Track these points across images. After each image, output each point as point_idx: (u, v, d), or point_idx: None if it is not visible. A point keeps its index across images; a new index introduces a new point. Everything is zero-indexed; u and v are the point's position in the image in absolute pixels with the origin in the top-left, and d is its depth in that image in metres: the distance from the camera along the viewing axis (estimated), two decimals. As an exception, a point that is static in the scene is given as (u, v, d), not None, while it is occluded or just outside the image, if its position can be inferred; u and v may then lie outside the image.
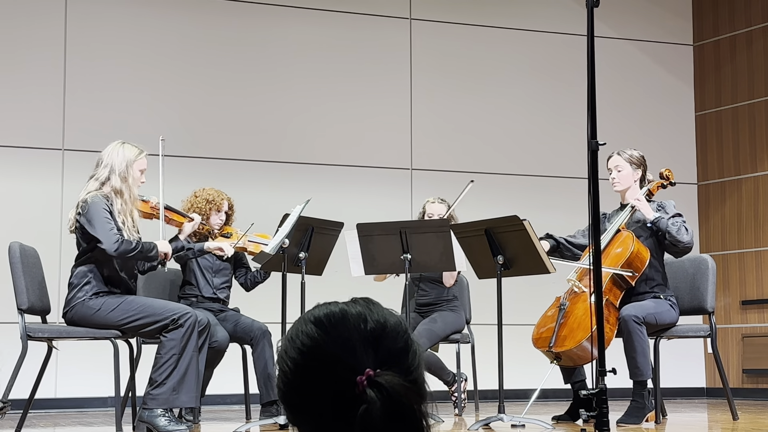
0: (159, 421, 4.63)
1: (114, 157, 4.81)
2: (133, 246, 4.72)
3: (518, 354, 6.71)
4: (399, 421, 1.24)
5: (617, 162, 5.39)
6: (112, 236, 4.67)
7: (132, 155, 4.83)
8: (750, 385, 8.19)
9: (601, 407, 3.65)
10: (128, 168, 4.80)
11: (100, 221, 4.67)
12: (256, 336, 5.47)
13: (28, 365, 4.72)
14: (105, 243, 4.66)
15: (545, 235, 5.52)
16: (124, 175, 4.80)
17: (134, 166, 4.83)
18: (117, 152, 4.83)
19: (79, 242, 4.84)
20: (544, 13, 8.41)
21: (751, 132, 8.38)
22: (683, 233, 5.18)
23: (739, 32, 8.53)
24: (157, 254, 4.84)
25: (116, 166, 4.79)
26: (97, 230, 4.67)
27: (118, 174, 4.79)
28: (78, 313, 4.77)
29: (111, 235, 4.67)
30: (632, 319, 5.07)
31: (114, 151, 4.84)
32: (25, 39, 7.16)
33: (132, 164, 4.82)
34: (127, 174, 4.80)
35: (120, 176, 4.79)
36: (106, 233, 4.67)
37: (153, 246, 4.82)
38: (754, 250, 8.28)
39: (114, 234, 4.68)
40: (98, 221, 4.67)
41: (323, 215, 5.38)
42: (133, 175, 4.82)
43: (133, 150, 4.86)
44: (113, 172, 4.79)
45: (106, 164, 4.81)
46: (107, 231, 4.67)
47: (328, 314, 1.33)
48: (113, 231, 4.68)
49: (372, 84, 7.95)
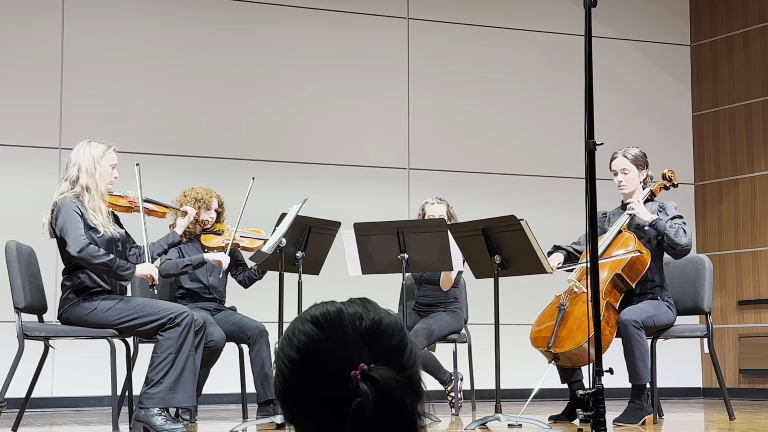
0: (155, 420, 4.62)
1: (81, 156, 4.84)
2: (101, 253, 4.68)
3: (515, 354, 6.72)
4: (391, 415, 1.24)
5: (623, 164, 5.35)
6: (78, 236, 4.67)
7: (98, 152, 4.85)
8: (746, 386, 8.19)
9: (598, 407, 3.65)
10: (95, 164, 4.82)
11: (68, 222, 4.69)
12: (253, 335, 5.47)
13: (24, 364, 4.72)
14: (70, 243, 4.68)
15: (553, 247, 5.51)
16: (92, 171, 4.82)
17: (102, 162, 4.84)
18: (84, 150, 4.85)
19: (60, 244, 4.84)
20: (542, 13, 8.42)
21: (748, 132, 8.39)
22: (681, 235, 5.17)
23: (736, 33, 8.53)
24: (131, 275, 4.82)
25: (83, 164, 4.82)
26: (65, 231, 4.69)
27: (85, 171, 4.81)
28: (73, 313, 4.76)
29: (77, 235, 4.67)
30: (632, 324, 5.06)
31: (81, 150, 4.87)
32: (22, 38, 7.15)
33: (99, 160, 4.84)
34: (94, 170, 4.82)
35: (88, 173, 4.81)
36: (70, 232, 4.67)
37: (129, 267, 4.78)
38: (750, 251, 8.29)
39: (80, 234, 4.68)
40: (66, 222, 4.69)
41: (320, 215, 5.37)
42: (100, 171, 4.83)
43: (100, 147, 4.88)
44: (81, 170, 4.82)
45: (74, 163, 4.85)
46: (71, 229, 4.67)
47: (325, 313, 1.34)
48: (80, 231, 4.68)
49: (369, 83, 7.95)
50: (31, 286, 4.89)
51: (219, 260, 5.43)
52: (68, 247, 4.69)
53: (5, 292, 4.94)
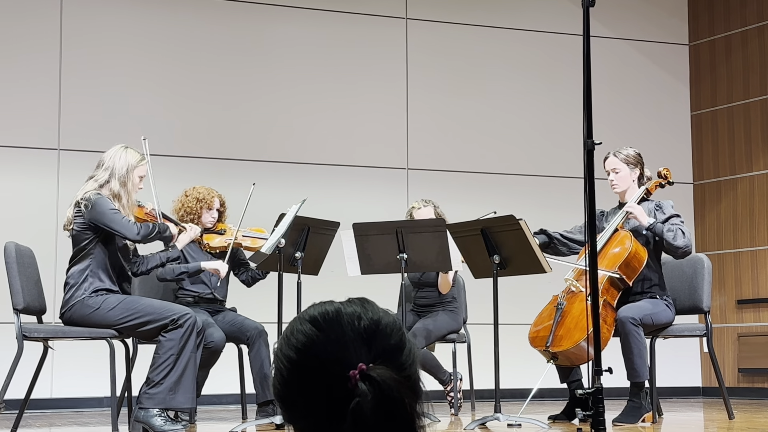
0: (155, 421, 4.62)
1: (116, 161, 4.81)
2: (151, 228, 4.82)
3: (514, 353, 6.72)
4: (390, 415, 1.24)
5: (614, 164, 5.37)
6: (129, 224, 4.73)
7: (134, 161, 4.84)
8: (746, 385, 8.20)
9: (597, 407, 3.65)
10: (128, 173, 4.81)
11: (112, 214, 4.71)
12: (252, 336, 5.46)
13: (23, 365, 4.71)
14: (127, 232, 4.73)
15: (539, 230, 5.50)
16: (124, 180, 4.80)
17: (135, 172, 4.83)
18: (119, 156, 4.83)
19: (75, 241, 4.83)
20: (541, 13, 8.42)
21: (747, 131, 8.39)
22: (680, 238, 5.16)
23: (734, 32, 8.54)
24: (170, 234, 4.96)
25: (117, 170, 4.80)
26: (113, 223, 4.71)
27: (117, 178, 4.79)
28: (77, 311, 4.75)
29: (128, 224, 4.73)
30: (629, 321, 5.06)
31: (116, 154, 4.84)
32: (21, 38, 7.15)
33: (133, 170, 4.83)
34: (127, 179, 4.81)
35: (120, 180, 4.79)
36: (121, 223, 4.71)
37: (166, 227, 4.93)
38: (749, 250, 8.29)
39: (129, 222, 4.73)
40: (110, 215, 4.71)
41: (319, 215, 5.37)
42: (133, 181, 4.83)
43: (136, 156, 4.87)
44: (113, 175, 4.80)
45: (107, 167, 4.82)
46: (121, 221, 4.71)
47: (323, 313, 1.34)
48: (126, 219, 4.74)
49: (368, 84, 7.95)
50: (30, 288, 4.89)
51: (216, 269, 5.43)
52: (125, 235, 4.73)
53: (4, 293, 4.93)
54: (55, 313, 4.96)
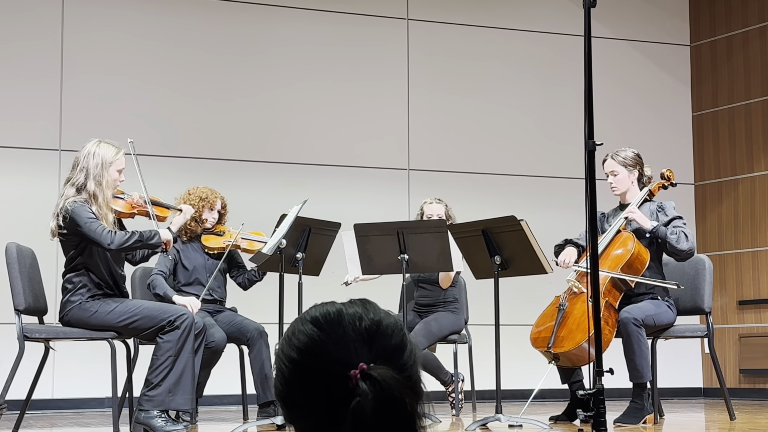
0: (156, 422, 4.62)
1: (90, 160, 4.73)
2: (128, 236, 4.68)
3: (516, 354, 6.72)
4: (390, 415, 1.24)
5: (612, 167, 5.37)
6: (103, 233, 4.63)
7: (109, 156, 4.75)
8: (747, 385, 8.19)
9: (599, 407, 3.65)
10: (103, 170, 4.72)
11: (89, 224, 4.64)
12: (253, 336, 5.46)
13: (25, 366, 4.71)
14: (102, 241, 4.64)
15: (564, 241, 5.51)
16: (99, 179, 4.71)
17: (111, 168, 4.74)
18: (93, 153, 4.74)
19: (65, 249, 4.83)
20: (542, 14, 8.42)
21: (748, 132, 8.39)
22: (683, 241, 5.16)
23: (735, 33, 8.54)
24: (159, 241, 4.77)
25: (91, 169, 4.71)
26: (90, 233, 4.64)
27: (93, 177, 4.70)
28: (75, 316, 4.76)
29: (102, 233, 4.63)
30: (631, 322, 5.06)
31: (90, 152, 4.75)
32: (22, 39, 7.15)
33: (108, 166, 4.73)
34: (102, 177, 4.71)
35: (95, 180, 4.71)
36: (96, 233, 4.63)
37: (154, 233, 4.76)
38: (750, 251, 8.29)
39: (103, 230, 4.64)
40: (86, 226, 4.64)
41: (320, 216, 5.37)
42: (108, 178, 4.73)
43: (110, 150, 4.77)
44: (88, 176, 4.71)
45: (82, 167, 4.73)
46: (95, 230, 4.63)
47: (325, 313, 1.34)
48: (101, 227, 4.65)
49: (369, 84, 7.95)
50: (32, 288, 4.89)
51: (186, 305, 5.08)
52: (101, 244, 4.62)
53: (5, 294, 4.94)
54: (56, 313, 4.96)
